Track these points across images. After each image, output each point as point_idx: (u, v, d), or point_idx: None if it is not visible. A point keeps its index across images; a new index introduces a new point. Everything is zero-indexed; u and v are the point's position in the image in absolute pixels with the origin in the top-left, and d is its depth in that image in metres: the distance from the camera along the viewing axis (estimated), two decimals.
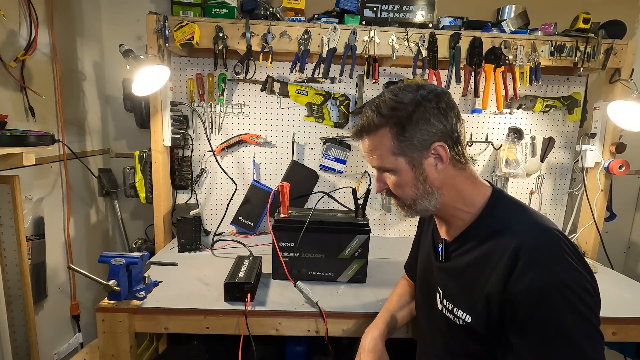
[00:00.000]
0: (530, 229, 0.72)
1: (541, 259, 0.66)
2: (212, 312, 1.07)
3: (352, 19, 1.50)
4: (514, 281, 0.67)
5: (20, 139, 1.11)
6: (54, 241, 1.49)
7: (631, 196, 2.00)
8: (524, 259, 0.67)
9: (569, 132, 1.79)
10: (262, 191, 1.70)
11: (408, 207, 0.82)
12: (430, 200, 0.79)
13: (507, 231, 0.72)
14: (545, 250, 0.67)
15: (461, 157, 0.78)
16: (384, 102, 0.77)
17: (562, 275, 0.64)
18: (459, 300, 0.79)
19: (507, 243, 0.70)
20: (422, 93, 0.75)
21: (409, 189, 0.79)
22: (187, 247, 1.52)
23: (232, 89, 1.71)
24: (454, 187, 0.79)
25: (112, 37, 1.75)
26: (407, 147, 0.76)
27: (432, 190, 0.78)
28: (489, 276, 0.71)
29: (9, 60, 1.25)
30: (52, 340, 1.51)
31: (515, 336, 0.67)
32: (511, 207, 0.78)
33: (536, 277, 0.65)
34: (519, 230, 0.72)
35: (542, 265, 0.66)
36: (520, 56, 1.51)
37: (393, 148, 0.77)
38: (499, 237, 0.73)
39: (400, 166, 0.78)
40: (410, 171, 0.78)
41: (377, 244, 1.67)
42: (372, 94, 1.72)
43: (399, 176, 0.79)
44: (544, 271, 0.65)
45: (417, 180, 0.78)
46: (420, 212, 0.82)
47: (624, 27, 1.57)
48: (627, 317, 1.13)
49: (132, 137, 1.85)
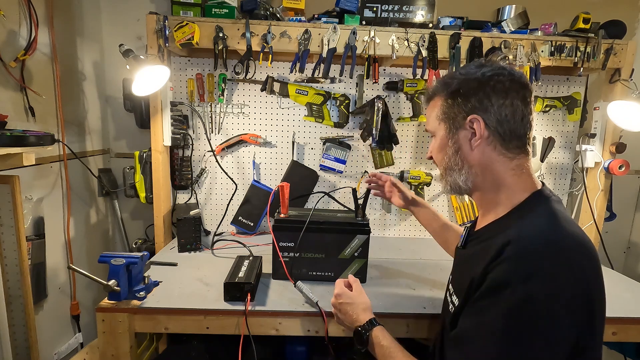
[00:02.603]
0: (534, 232, 0.68)
1: (521, 258, 0.64)
2: (212, 312, 1.07)
3: (352, 19, 1.50)
4: (489, 269, 0.67)
5: (20, 139, 1.11)
6: (54, 241, 1.49)
7: (631, 196, 2.00)
8: (507, 252, 0.66)
9: (569, 132, 1.79)
10: (262, 191, 1.70)
11: (441, 176, 0.85)
12: (460, 175, 0.79)
13: (515, 228, 0.70)
14: (535, 250, 0.64)
15: (509, 144, 0.76)
16: (451, 73, 0.82)
17: (532, 282, 0.61)
18: (456, 286, 0.82)
19: (505, 236, 0.69)
20: (484, 70, 0.76)
21: (442, 156, 0.82)
22: (187, 247, 1.52)
23: (232, 89, 1.71)
24: (491, 172, 0.77)
25: (112, 37, 1.75)
26: (450, 115, 0.79)
27: (463, 165, 0.79)
28: (480, 264, 0.71)
29: (9, 60, 1.25)
30: (52, 340, 1.51)
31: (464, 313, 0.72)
32: (545, 212, 0.72)
33: (506, 270, 0.64)
34: (523, 229, 0.69)
35: (519, 264, 0.64)
36: (520, 56, 1.51)
37: (439, 113, 0.81)
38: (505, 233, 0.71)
39: (440, 131, 0.82)
40: (446, 137, 0.81)
41: (377, 244, 1.67)
42: (372, 94, 1.72)
43: (436, 141, 0.84)
44: (517, 269, 0.63)
45: (450, 149, 0.80)
46: (452, 186, 0.82)
47: (624, 27, 1.57)
48: (627, 317, 1.13)
49: (132, 137, 1.85)
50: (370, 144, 1.69)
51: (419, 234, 1.87)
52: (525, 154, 0.78)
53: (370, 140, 1.61)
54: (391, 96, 1.74)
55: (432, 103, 0.85)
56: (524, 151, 0.77)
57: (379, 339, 0.86)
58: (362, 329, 0.90)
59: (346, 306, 0.95)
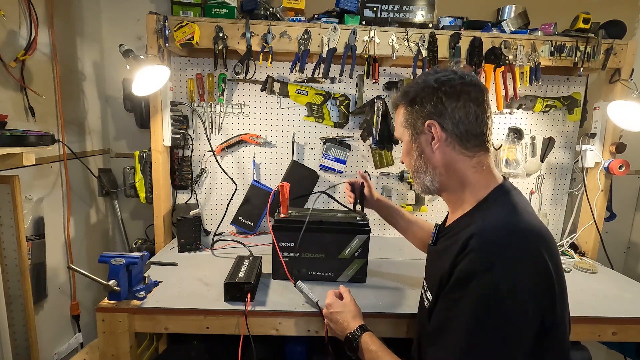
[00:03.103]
0: (495, 223, 0.72)
1: (485, 249, 0.68)
2: (212, 312, 1.07)
3: (352, 19, 1.50)
4: (456, 263, 0.71)
5: (20, 139, 1.11)
6: (54, 241, 1.49)
7: (631, 196, 2.00)
8: (472, 244, 0.70)
9: (569, 132, 1.79)
10: (262, 191, 1.70)
11: (412, 180, 0.93)
12: (427, 176, 0.85)
13: (479, 222, 0.75)
14: (498, 242, 0.68)
15: (467, 143, 0.80)
16: (411, 83, 0.87)
17: (496, 270, 0.65)
18: (429, 282, 0.86)
19: (470, 230, 0.73)
20: (438, 76, 0.81)
21: (409, 160, 0.89)
22: (187, 247, 1.52)
23: (232, 89, 1.71)
24: (454, 171, 0.82)
25: (112, 37, 1.75)
26: (412, 121, 0.85)
27: (428, 167, 0.85)
28: (448, 259, 0.75)
29: (9, 60, 1.25)
30: (52, 340, 1.51)
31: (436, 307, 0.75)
32: (505, 204, 0.77)
33: (472, 262, 0.68)
34: (485, 222, 0.73)
35: (482, 254, 0.68)
36: (520, 56, 1.51)
37: (402, 121, 0.88)
38: (470, 227, 0.75)
39: (404, 137, 0.88)
40: (410, 142, 0.87)
41: (377, 244, 1.67)
42: (372, 94, 1.72)
43: (404, 146, 0.90)
44: (481, 260, 0.67)
45: (415, 153, 0.86)
46: (422, 187, 0.88)
47: (624, 27, 1.57)
48: (627, 317, 1.13)
49: (132, 137, 1.85)
50: (370, 144, 1.69)
51: None
52: (484, 151, 0.82)
53: (370, 140, 1.61)
54: (391, 96, 1.74)
55: (397, 111, 0.91)
56: (483, 148, 0.81)
57: (368, 344, 0.89)
58: (352, 335, 0.93)
59: (337, 315, 0.98)
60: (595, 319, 1.13)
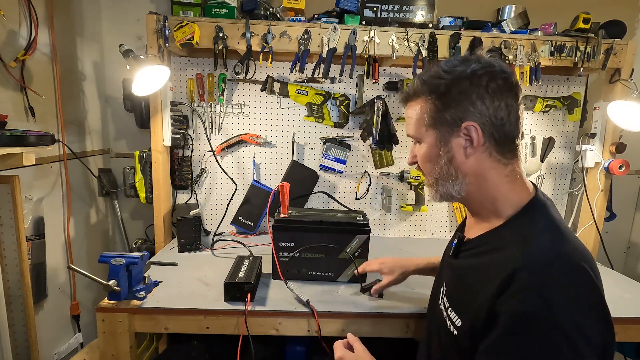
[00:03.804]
0: (542, 250, 0.63)
1: (539, 285, 0.59)
2: (212, 312, 1.07)
3: (352, 19, 1.50)
4: (503, 299, 0.61)
5: (20, 139, 1.11)
6: (54, 241, 1.49)
7: (631, 196, 2.00)
8: (520, 279, 0.60)
9: (569, 132, 1.79)
10: (262, 191, 1.70)
11: (430, 186, 0.78)
12: (454, 185, 0.73)
13: (521, 246, 0.65)
14: (549, 277, 0.59)
15: (503, 148, 0.70)
16: (433, 70, 0.73)
17: (558, 310, 0.56)
18: (455, 302, 0.75)
19: (512, 258, 0.63)
20: (473, 67, 0.69)
21: (433, 166, 0.75)
22: (187, 247, 1.52)
23: (232, 89, 1.71)
24: (485, 180, 0.72)
25: (112, 37, 1.75)
26: (440, 120, 0.72)
27: (457, 175, 0.73)
28: (485, 288, 0.65)
29: (9, 60, 1.25)
30: (52, 340, 1.51)
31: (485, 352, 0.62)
32: (542, 222, 0.68)
33: (525, 302, 0.58)
34: (529, 249, 0.63)
35: (537, 293, 0.58)
36: (520, 56, 1.51)
37: (427, 118, 0.73)
38: (509, 250, 0.66)
39: (429, 139, 0.74)
40: (436, 146, 0.73)
41: (377, 244, 1.66)
42: (372, 94, 1.72)
43: (426, 149, 0.75)
44: (536, 299, 0.58)
45: (442, 159, 0.73)
46: (443, 196, 0.76)
47: (624, 27, 1.57)
48: (627, 317, 1.13)
49: (132, 137, 1.85)
50: (370, 144, 1.69)
51: (419, 234, 1.87)
52: (517, 157, 0.72)
53: (370, 140, 1.61)
54: (391, 96, 1.74)
55: (413, 104, 0.77)
56: (516, 155, 0.72)
57: None
58: None
59: None
60: None
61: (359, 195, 1.81)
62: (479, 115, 0.68)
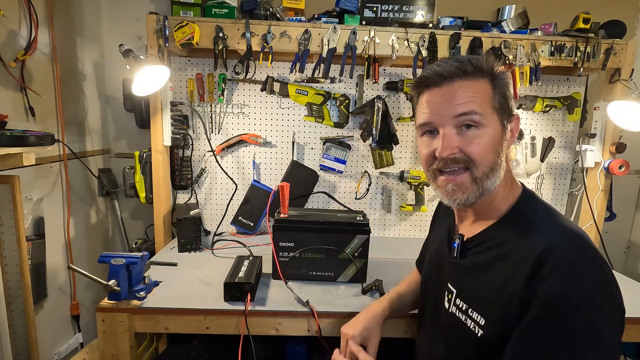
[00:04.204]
0: (561, 233, 0.66)
1: (569, 265, 0.61)
2: (212, 312, 1.07)
3: (352, 19, 1.50)
4: (536, 283, 0.61)
5: (20, 139, 1.11)
6: (54, 241, 1.49)
7: (631, 196, 2.00)
8: (551, 262, 0.61)
9: (569, 132, 1.79)
10: (262, 191, 1.70)
11: (477, 180, 0.70)
12: (499, 176, 0.71)
13: (535, 232, 0.67)
14: (576, 257, 0.62)
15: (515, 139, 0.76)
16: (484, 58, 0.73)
17: (590, 288, 0.59)
18: (476, 301, 0.72)
19: (534, 244, 0.65)
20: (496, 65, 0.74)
21: (493, 156, 0.70)
22: (187, 247, 1.52)
23: (232, 89, 1.71)
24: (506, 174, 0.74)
25: (112, 37, 1.75)
26: (504, 107, 0.71)
27: (503, 165, 0.72)
28: (511, 277, 0.65)
29: (9, 60, 1.25)
30: (52, 340, 1.51)
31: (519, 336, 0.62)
32: (540, 209, 0.73)
33: (561, 283, 0.59)
34: (547, 232, 0.66)
35: (569, 273, 0.60)
36: (520, 56, 1.51)
37: (493, 101, 0.70)
38: (525, 238, 0.68)
39: (496, 124, 0.70)
40: (500, 134, 0.70)
41: (377, 244, 1.67)
42: (372, 94, 1.72)
43: (493, 135, 0.70)
44: (570, 278, 0.60)
45: (502, 146, 0.71)
46: (486, 189, 0.71)
47: (624, 27, 1.57)
48: (627, 317, 1.12)
49: (132, 137, 1.85)
50: (370, 144, 1.69)
51: (419, 234, 1.87)
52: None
53: (370, 140, 1.61)
54: (391, 96, 1.74)
55: (474, 83, 0.70)
56: None
57: None
58: None
59: None
60: None
61: (359, 195, 1.81)
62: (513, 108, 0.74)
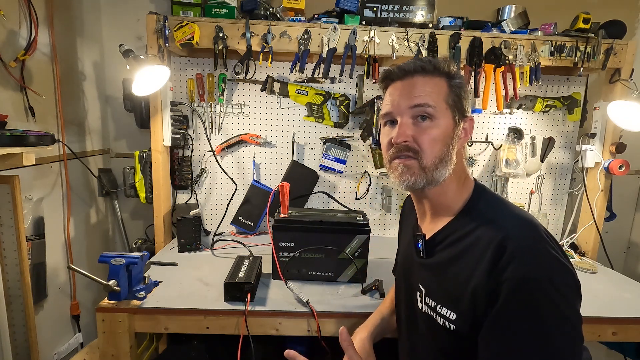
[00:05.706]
0: (515, 222, 0.71)
1: (527, 250, 0.65)
2: (212, 312, 1.07)
3: (352, 19, 1.50)
4: (498, 270, 0.65)
5: (20, 139, 1.11)
6: (54, 241, 1.49)
7: (631, 196, 2.00)
8: (510, 249, 0.65)
9: (569, 132, 1.79)
10: (262, 191, 1.70)
11: (425, 169, 0.75)
12: (447, 172, 0.76)
13: (492, 224, 0.71)
14: (531, 242, 0.66)
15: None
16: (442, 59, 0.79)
17: (548, 269, 0.63)
18: (443, 297, 0.75)
19: (492, 235, 0.69)
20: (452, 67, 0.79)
21: (442, 147, 0.75)
22: (187, 247, 1.52)
23: (232, 89, 1.71)
24: (454, 171, 0.77)
25: (112, 37, 1.75)
26: (457, 105, 0.77)
27: (453, 159, 0.76)
28: (474, 269, 0.69)
29: (9, 60, 1.25)
30: (52, 340, 1.51)
31: (489, 324, 0.65)
32: (493, 201, 0.78)
33: (520, 267, 0.63)
34: (503, 223, 0.71)
35: (528, 257, 0.64)
36: (520, 56, 1.51)
37: (448, 98, 0.76)
38: (483, 230, 0.71)
39: (448, 118, 0.76)
40: (451, 128, 0.76)
41: (377, 244, 1.66)
42: (372, 94, 1.72)
43: (444, 128, 0.75)
44: (529, 263, 0.64)
45: (452, 141, 0.76)
46: (435, 179, 0.75)
47: (624, 27, 1.57)
48: (627, 317, 1.13)
49: (132, 137, 1.85)
50: (370, 144, 1.69)
51: None
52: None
53: (370, 140, 1.61)
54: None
55: (431, 80, 0.76)
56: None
57: None
58: None
59: None
60: (595, 319, 1.13)
61: (359, 195, 1.81)
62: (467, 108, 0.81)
